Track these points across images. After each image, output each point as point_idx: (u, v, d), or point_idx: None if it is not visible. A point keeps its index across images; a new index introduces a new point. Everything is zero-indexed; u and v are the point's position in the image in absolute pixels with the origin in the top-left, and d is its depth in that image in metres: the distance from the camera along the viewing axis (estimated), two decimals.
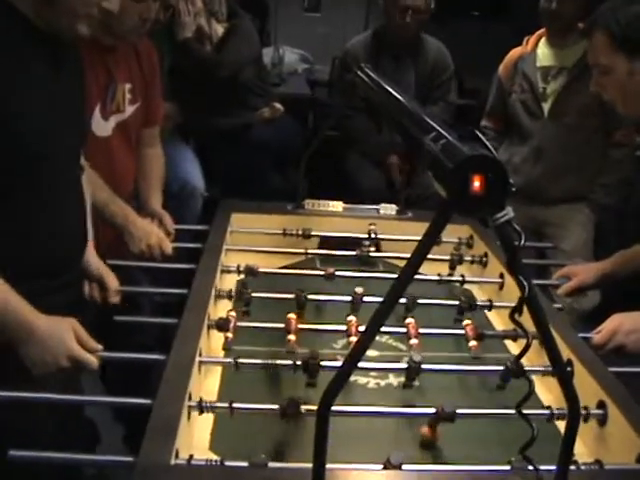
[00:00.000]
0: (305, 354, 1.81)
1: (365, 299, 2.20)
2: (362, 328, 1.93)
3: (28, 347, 1.73)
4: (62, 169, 1.93)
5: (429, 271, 2.45)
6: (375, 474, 1.48)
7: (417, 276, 1.12)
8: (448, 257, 2.65)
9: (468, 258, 2.68)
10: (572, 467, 1.53)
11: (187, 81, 4.09)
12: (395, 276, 1.13)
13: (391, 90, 1.96)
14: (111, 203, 2.47)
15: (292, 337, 1.97)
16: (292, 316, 2.02)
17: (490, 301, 2.32)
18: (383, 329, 2.03)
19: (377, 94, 2.09)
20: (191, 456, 1.48)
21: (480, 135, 1.15)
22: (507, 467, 1.45)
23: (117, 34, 2.53)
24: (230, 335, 1.98)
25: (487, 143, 1.13)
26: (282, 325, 2.01)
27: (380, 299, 1.13)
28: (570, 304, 2.81)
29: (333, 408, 1.17)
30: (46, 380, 1.77)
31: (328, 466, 1.22)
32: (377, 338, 2.17)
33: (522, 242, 1.11)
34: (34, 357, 1.74)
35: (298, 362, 1.81)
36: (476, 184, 1.04)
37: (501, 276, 2.47)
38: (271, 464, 1.47)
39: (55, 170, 1.89)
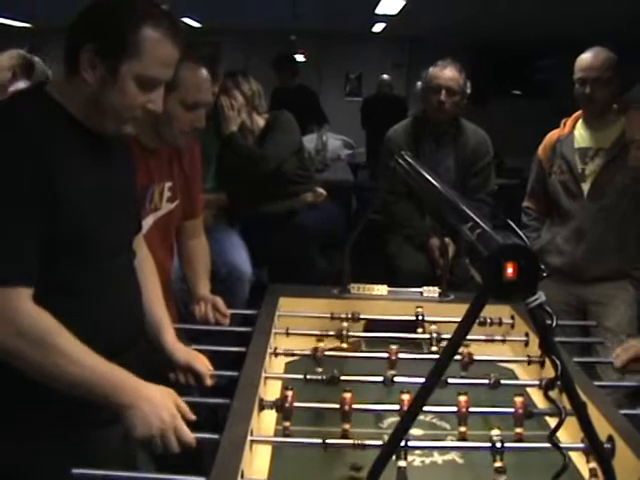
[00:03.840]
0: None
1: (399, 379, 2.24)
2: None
3: (133, 410, 1.79)
4: (111, 257, 2.00)
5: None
6: None
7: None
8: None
9: (510, 338, 2.72)
10: None
11: (232, 171, 4.23)
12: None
13: (430, 179, 2.04)
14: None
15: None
16: (347, 395, 2.06)
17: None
18: (428, 408, 2.12)
19: (417, 182, 2.17)
20: None
21: (513, 224, 1.23)
22: None
23: (167, 140, 2.63)
24: (288, 424, 2.04)
25: (519, 231, 1.21)
26: (337, 405, 2.05)
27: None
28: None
29: None
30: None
31: None
32: (422, 417, 2.23)
33: (554, 323, 1.18)
34: (138, 419, 1.79)
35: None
36: (509, 270, 1.12)
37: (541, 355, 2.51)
38: None
39: (103, 258, 1.96)
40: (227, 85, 4.23)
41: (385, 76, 10.21)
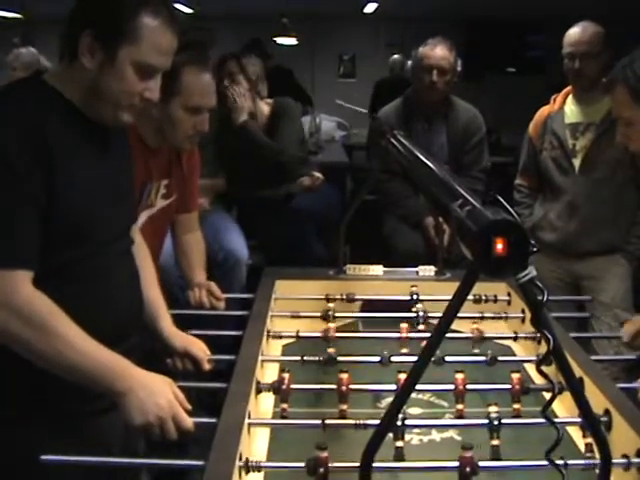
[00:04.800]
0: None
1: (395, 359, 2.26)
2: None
3: (130, 397, 1.80)
4: (108, 244, 2.01)
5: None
6: None
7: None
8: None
9: (507, 315, 2.73)
10: None
11: (234, 157, 4.23)
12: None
13: (420, 156, 2.04)
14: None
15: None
16: (344, 376, 2.06)
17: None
18: (425, 387, 2.13)
19: (408, 160, 2.17)
20: None
21: (501, 200, 1.23)
22: None
23: (171, 143, 2.66)
24: (286, 406, 2.04)
25: (508, 207, 1.21)
26: (334, 386, 2.05)
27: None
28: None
29: (377, 465, 1.24)
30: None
31: None
32: (420, 396, 2.24)
33: (545, 298, 1.18)
34: (135, 406, 1.80)
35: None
36: (499, 246, 1.12)
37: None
38: None
39: (101, 245, 1.97)
40: (232, 69, 4.23)
41: (396, 56, 10.04)
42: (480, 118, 4.21)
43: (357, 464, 1.29)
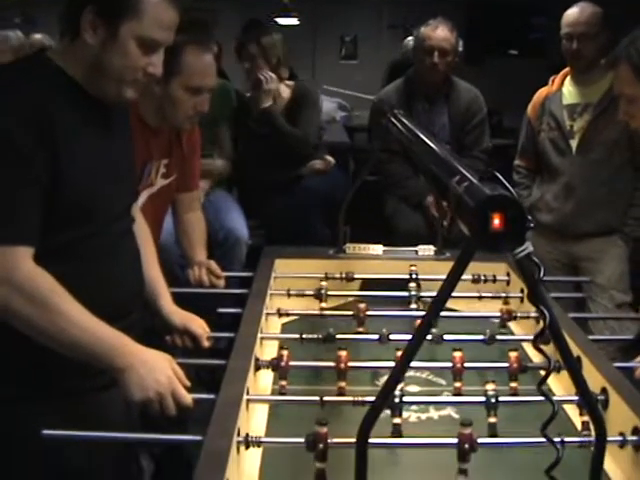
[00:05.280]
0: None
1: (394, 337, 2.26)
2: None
3: (130, 373, 1.81)
4: (110, 222, 2.02)
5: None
6: None
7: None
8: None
9: (506, 295, 2.73)
10: None
11: (251, 139, 4.29)
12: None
13: (421, 135, 2.04)
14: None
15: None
16: (343, 353, 2.07)
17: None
18: (424, 365, 2.15)
19: (408, 139, 2.17)
20: None
21: (499, 176, 1.23)
22: None
23: (171, 123, 2.66)
24: (285, 383, 2.06)
25: (506, 183, 1.21)
26: (332, 364, 2.07)
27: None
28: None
29: (374, 441, 1.25)
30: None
31: None
32: (418, 374, 2.26)
33: (541, 274, 1.18)
34: (135, 382, 1.81)
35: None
36: (496, 222, 1.12)
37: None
38: None
39: (103, 223, 1.98)
40: (253, 52, 4.27)
41: (410, 38, 9.95)
42: (481, 98, 4.21)
43: (353, 439, 1.29)
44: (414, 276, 2.80)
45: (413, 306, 2.61)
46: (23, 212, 1.78)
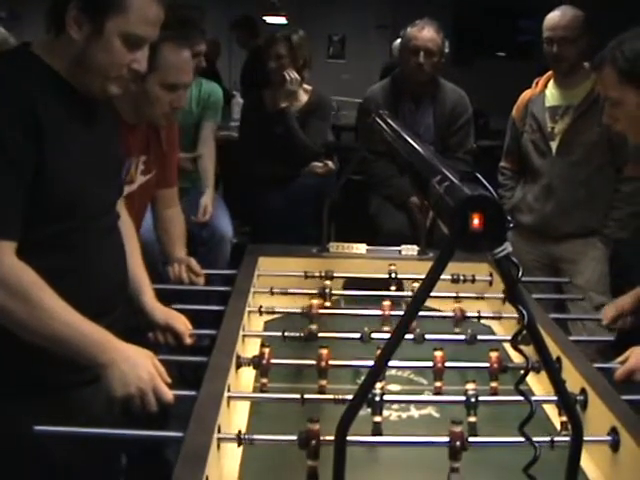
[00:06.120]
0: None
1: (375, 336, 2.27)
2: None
3: (112, 369, 1.81)
4: (95, 217, 2.01)
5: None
6: None
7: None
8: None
9: (488, 295, 2.75)
10: None
11: (257, 134, 4.36)
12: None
13: (404, 134, 2.05)
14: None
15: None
16: (324, 351, 2.08)
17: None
18: (405, 364, 2.16)
19: (392, 138, 2.18)
20: None
21: (480, 177, 1.24)
22: None
23: (148, 119, 2.66)
24: (266, 380, 2.07)
25: (486, 184, 1.22)
26: (313, 362, 2.08)
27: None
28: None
29: (354, 438, 1.25)
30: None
31: None
32: (399, 373, 2.27)
33: (520, 274, 1.19)
34: (117, 378, 1.81)
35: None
36: (475, 221, 1.13)
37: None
38: None
39: (88, 217, 1.98)
40: (280, 51, 4.29)
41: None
42: (467, 100, 4.22)
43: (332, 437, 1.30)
44: (394, 275, 2.81)
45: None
46: (5, 207, 1.78)
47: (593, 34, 3.50)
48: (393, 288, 2.78)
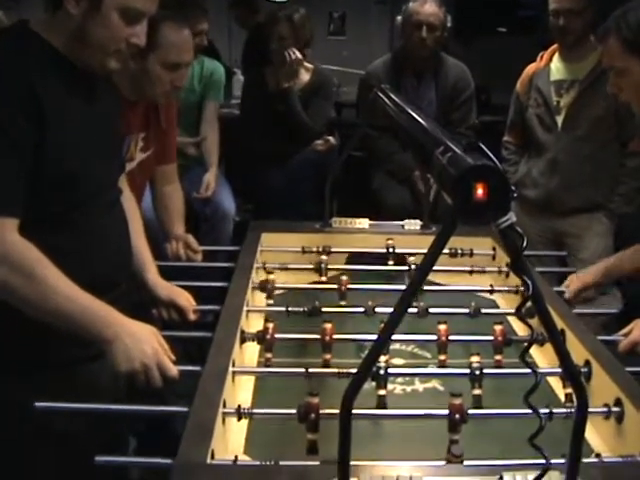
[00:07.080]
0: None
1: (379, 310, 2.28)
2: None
3: (116, 344, 1.82)
4: (98, 193, 2.02)
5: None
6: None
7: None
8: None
9: (491, 269, 2.75)
10: (595, 460, 1.63)
11: (260, 112, 4.33)
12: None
13: (406, 108, 2.03)
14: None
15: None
16: (328, 325, 2.09)
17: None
18: (409, 337, 2.16)
19: (394, 112, 2.17)
20: (236, 457, 1.59)
21: (483, 147, 1.23)
22: None
23: (148, 97, 2.66)
24: (270, 355, 2.07)
25: (490, 154, 1.21)
26: (317, 336, 2.08)
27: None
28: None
29: (359, 411, 1.25)
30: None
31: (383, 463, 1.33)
32: (403, 347, 2.27)
33: (524, 244, 1.18)
34: (121, 353, 1.82)
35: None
36: (479, 191, 1.12)
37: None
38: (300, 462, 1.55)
39: (91, 194, 1.98)
40: (283, 33, 4.25)
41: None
42: (469, 75, 4.20)
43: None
44: (391, 250, 2.82)
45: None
46: (7, 184, 1.78)
47: (598, 5, 3.47)
48: (391, 262, 2.79)
